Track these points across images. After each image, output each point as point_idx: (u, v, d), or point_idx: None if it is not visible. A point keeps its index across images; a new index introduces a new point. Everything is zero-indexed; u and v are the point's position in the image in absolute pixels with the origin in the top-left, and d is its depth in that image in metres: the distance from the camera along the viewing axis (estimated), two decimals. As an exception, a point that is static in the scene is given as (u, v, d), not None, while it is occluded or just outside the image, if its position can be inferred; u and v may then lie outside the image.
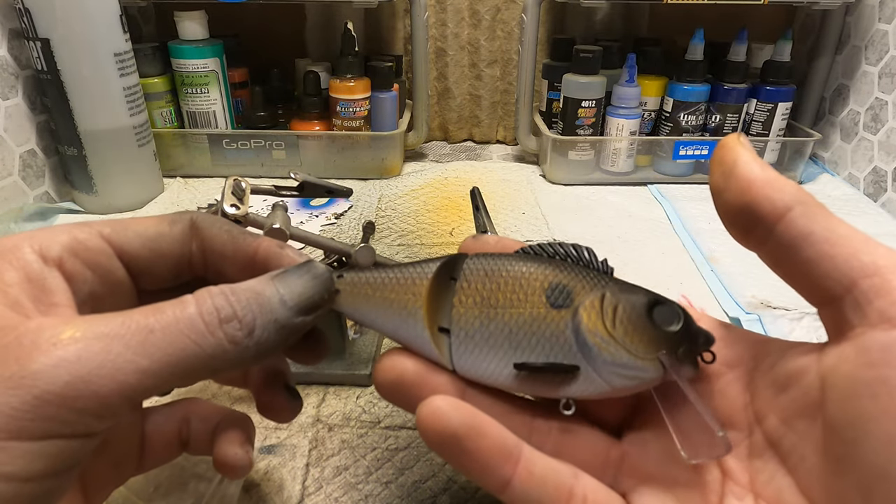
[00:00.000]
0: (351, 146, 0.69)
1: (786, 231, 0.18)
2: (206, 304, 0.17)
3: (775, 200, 0.18)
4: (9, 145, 0.56)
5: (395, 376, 0.21)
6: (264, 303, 0.18)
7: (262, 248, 0.22)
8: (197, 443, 0.25)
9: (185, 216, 0.21)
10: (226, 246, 0.21)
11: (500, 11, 0.77)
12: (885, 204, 0.63)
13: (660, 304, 0.21)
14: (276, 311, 0.18)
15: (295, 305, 0.18)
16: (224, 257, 0.22)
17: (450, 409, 0.19)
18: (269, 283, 0.18)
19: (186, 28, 0.65)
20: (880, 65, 0.65)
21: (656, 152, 0.70)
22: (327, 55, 0.77)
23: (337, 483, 0.30)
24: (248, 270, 0.21)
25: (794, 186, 0.18)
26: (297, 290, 0.18)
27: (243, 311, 0.17)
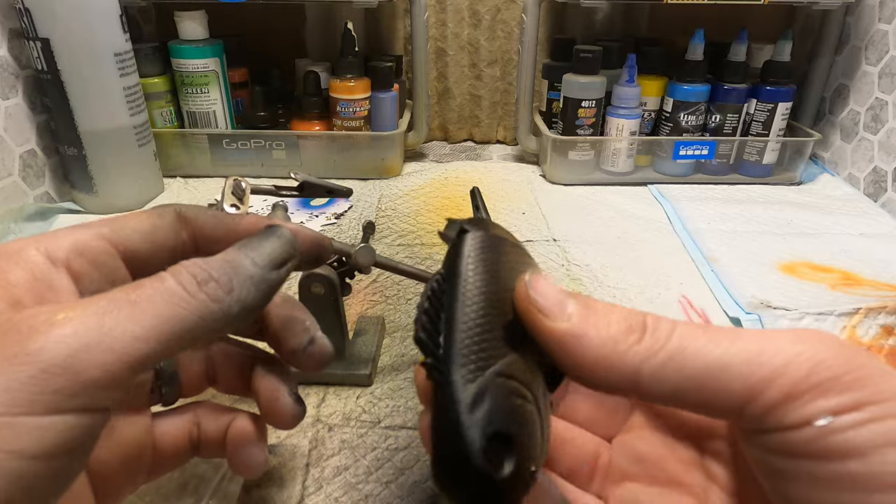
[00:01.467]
0: (351, 146, 0.69)
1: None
2: (181, 274, 0.18)
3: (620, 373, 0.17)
4: (9, 145, 0.56)
5: None
6: (237, 265, 0.19)
7: (246, 222, 0.23)
8: (208, 446, 0.25)
9: (168, 208, 0.22)
10: (215, 229, 0.22)
11: (500, 11, 0.77)
12: (885, 204, 0.63)
13: None
14: (249, 270, 0.19)
15: (265, 264, 0.19)
16: (215, 241, 0.22)
17: None
18: (237, 251, 0.19)
19: (186, 28, 0.65)
20: (880, 65, 0.65)
21: (656, 152, 0.70)
22: (327, 55, 0.77)
23: (337, 483, 0.30)
24: None
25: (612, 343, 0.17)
26: (264, 251, 0.20)
27: (218, 272, 0.18)
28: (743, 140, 0.68)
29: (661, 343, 0.17)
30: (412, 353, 0.40)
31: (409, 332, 0.42)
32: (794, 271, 0.50)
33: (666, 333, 0.17)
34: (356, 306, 0.45)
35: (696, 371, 0.16)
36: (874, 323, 0.41)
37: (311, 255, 0.24)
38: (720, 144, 0.68)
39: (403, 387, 0.37)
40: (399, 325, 0.43)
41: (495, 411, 0.16)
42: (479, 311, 0.18)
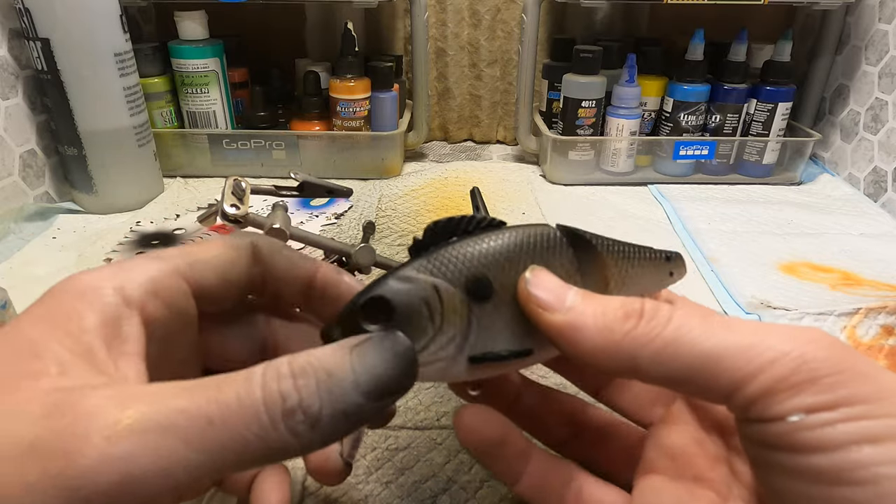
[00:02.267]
0: (351, 146, 0.69)
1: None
2: (271, 389, 0.15)
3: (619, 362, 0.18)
4: (9, 145, 0.56)
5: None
6: (334, 388, 0.15)
7: (321, 274, 0.22)
8: (232, 486, 0.24)
9: (245, 240, 0.21)
10: (287, 271, 0.21)
11: (500, 11, 0.77)
12: (885, 204, 0.63)
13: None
14: (347, 399, 0.15)
15: (370, 391, 0.16)
16: (284, 282, 0.22)
17: (485, 420, 0.23)
18: (344, 357, 0.16)
19: (186, 28, 0.65)
20: (880, 65, 0.65)
21: (656, 152, 0.70)
22: (327, 55, 0.77)
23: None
24: (306, 295, 0.22)
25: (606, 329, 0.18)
26: (375, 371, 0.16)
27: (309, 398, 0.15)
28: (743, 140, 0.68)
29: (658, 330, 0.17)
30: (412, 353, 0.40)
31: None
32: (794, 271, 0.50)
33: (663, 321, 0.18)
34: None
35: (689, 360, 0.17)
36: (874, 323, 0.41)
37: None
38: (720, 144, 0.68)
39: (403, 387, 0.37)
40: (399, 325, 0.43)
41: (393, 292, 0.19)
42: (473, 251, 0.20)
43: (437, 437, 0.33)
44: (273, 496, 0.23)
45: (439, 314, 0.19)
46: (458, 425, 0.23)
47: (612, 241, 0.23)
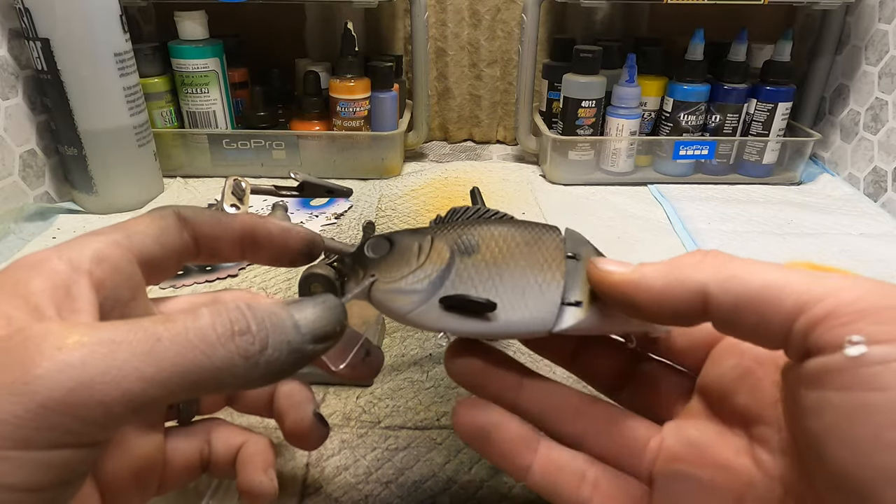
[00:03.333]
0: (351, 146, 0.69)
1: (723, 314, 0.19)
2: (220, 316, 0.16)
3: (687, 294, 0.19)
4: (9, 145, 0.56)
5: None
6: (279, 323, 0.17)
7: (241, 220, 0.23)
8: (218, 465, 0.25)
9: (167, 209, 0.22)
10: (214, 228, 0.22)
11: (500, 11, 0.78)
12: (885, 204, 0.63)
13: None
14: (290, 334, 0.17)
15: (308, 332, 0.18)
16: (215, 239, 0.22)
17: (479, 409, 0.23)
18: (284, 307, 0.18)
19: (186, 28, 0.65)
20: (880, 65, 0.65)
21: (656, 152, 0.70)
22: (327, 55, 0.77)
23: (337, 483, 0.30)
24: (241, 246, 0.23)
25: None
26: (310, 317, 0.18)
27: (258, 326, 0.17)
28: (743, 140, 0.68)
29: (726, 263, 0.18)
30: (412, 353, 0.40)
31: (409, 333, 0.42)
32: (794, 271, 0.50)
33: (727, 258, 0.19)
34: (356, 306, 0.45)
35: (757, 286, 0.17)
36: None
37: (303, 253, 0.24)
38: (720, 144, 0.68)
39: (403, 387, 0.37)
40: (399, 325, 0.43)
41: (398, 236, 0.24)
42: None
43: (437, 437, 0.33)
44: (258, 459, 0.24)
45: (426, 254, 0.23)
46: (455, 419, 0.24)
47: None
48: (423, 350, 0.40)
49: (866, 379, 0.15)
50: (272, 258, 0.24)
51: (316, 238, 0.24)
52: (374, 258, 0.23)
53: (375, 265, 0.23)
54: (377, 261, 0.23)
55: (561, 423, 0.25)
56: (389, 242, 0.23)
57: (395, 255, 0.23)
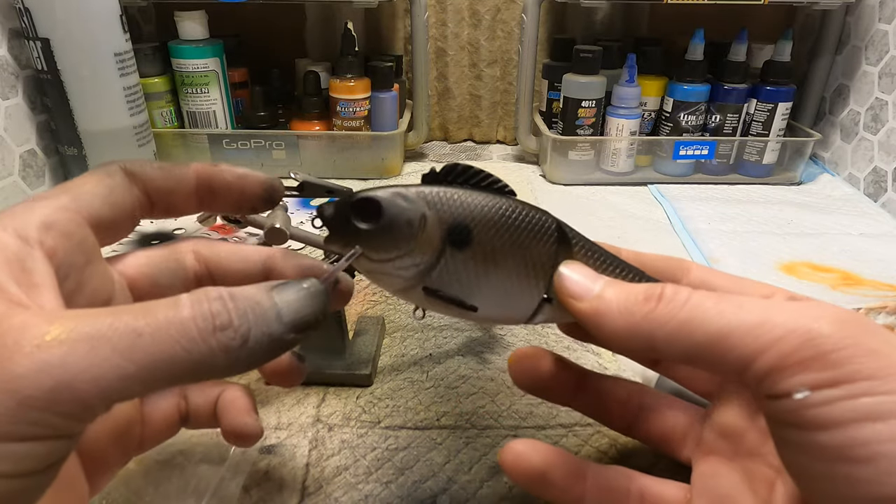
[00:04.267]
0: (351, 146, 0.69)
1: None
2: (201, 308, 0.16)
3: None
4: (9, 145, 0.56)
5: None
6: (261, 314, 0.17)
7: (195, 170, 0.22)
8: (197, 417, 0.25)
9: (113, 165, 0.21)
10: (165, 180, 0.21)
11: (500, 11, 0.77)
12: (885, 204, 0.63)
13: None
14: (271, 325, 0.17)
15: (290, 322, 0.17)
16: (168, 192, 0.22)
17: (531, 452, 0.24)
18: (267, 293, 0.17)
19: (186, 28, 0.65)
20: (880, 65, 0.65)
21: (656, 152, 0.70)
22: (327, 55, 0.77)
23: (337, 483, 0.30)
24: (198, 197, 0.22)
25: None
26: (294, 305, 0.17)
27: (240, 319, 0.16)
28: (743, 140, 0.68)
29: (674, 312, 0.19)
30: (412, 353, 0.40)
31: (409, 332, 0.42)
32: (794, 271, 0.50)
33: (680, 303, 0.19)
34: (356, 306, 0.45)
35: (701, 338, 0.18)
36: (874, 323, 0.41)
37: (263, 198, 0.23)
38: (720, 144, 0.68)
39: (403, 387, 0.37)
40: (399, 325, 0.43)
41: (388, 201, 0.21)
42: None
43: (437, 437, 0.33)
44: (239, 403, 0.24)
45: (415, 239, 0.21)
46: (502, 461, 0.24)
47: (596, 248, 0.23)
48: (423, 350, 0.40)
49: (814, 419, 0.16)
50: (231, 206, 0.23)
51: (275, 182, 0.23)
52: (361, 229, 0.21)
53: (362, 237, 0.21)
54: (364, 233, 0.21)
55: (612, 416, 0.27)
56: (378, 210, 0.21)
57: (384, 229, 0.21)
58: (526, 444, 0.24)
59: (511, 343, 0.41)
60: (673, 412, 0.27)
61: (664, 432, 0.27)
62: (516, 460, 0.24)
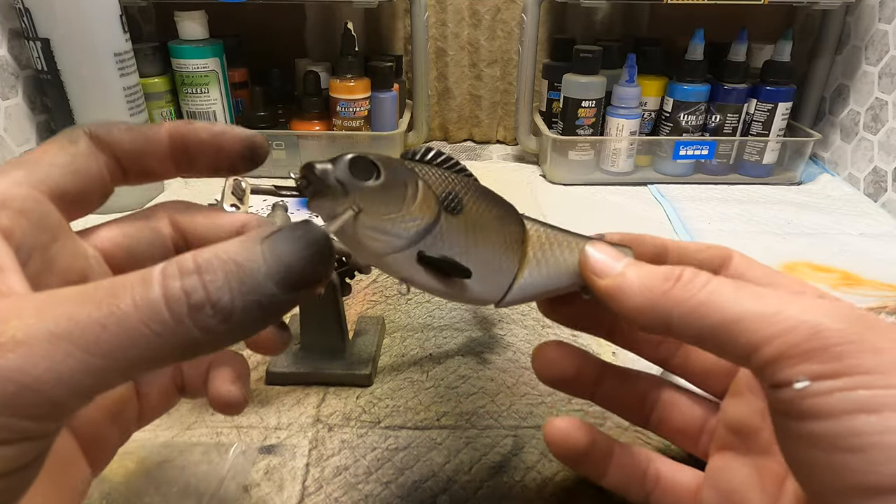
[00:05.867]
0: (351, 146, 0.69)
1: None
2: (172, 287, 0.14)
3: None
4: (9, 145, 0.56)
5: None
6: (246, 278, 0.14)
7: (167, 129, 0.20)
8: (192, 388, 0.24)
9: (76, 131, 0.19)
10: (135, 144, 0.20)
11: (500, 11, 0.77)
12: (885, 204, 0.63)
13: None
14: (261, 288, 0.14)
15: (283, 279, 0.15)
16: (140, 155, 0.20)
17: (577, 431, 0.26)
18: (254, 246, 0.15)
19: (186, 28, 0.65)
20: (880, 65, 0.65)
21: (656, 152, 0.70)
22: (327, 55, 0.77)
23: (337, 483, 0.30)
24: (174, 159, 0.20)
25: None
26: (287, 258, 0.15)
27: (218, 292, 0.14)
28: (743, 140, 0.68)
29: (692, 293, 0.19)
30: (412, 353, 0.40)
31: (409, 332, 0.42)
32: (794, 271, 0.50)
33: (699, 285, 0.19)
34: (356, 306, 0.45)
35: (715, 321, 0.19)
36: (874, 323, 0.41)
37: (244, 156, 0.21)
38: (720, 144, 0.68)
39: (403, 387, 0.37)
40: (399, 325, 0.43)
41: (384, 161, 0.21)
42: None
43: (437, 437, 0.33)
44: (226, 371, 0.23)
45: (413, 199, 0.21)
46: (549, 438, 0.26)
47: (548, 227, 0.25)
48: (423, 350, 0.40)
49: (811, 409, 0.16)
50: (209, 167, 0.21)
51: (256, 138, 0.21)
52: (358, 185, 0.20)
53: (360, 194, 0.20)
54: (363, 189, 0.20)
55: (630, 410, 0.28)
56: (376, 169, 0.20)
57: (383, 188, 0.20)
58: (571, 423, 0.26)
59: (511, 343, 0.41)
60: (690, 406, 0.27)
61: (681, 426, 0.27)
62: (565, 440, 0.26)
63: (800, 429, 0.17)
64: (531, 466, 0.31)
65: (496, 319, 0.43)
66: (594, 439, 0.26)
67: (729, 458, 0.25)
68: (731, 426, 0.25)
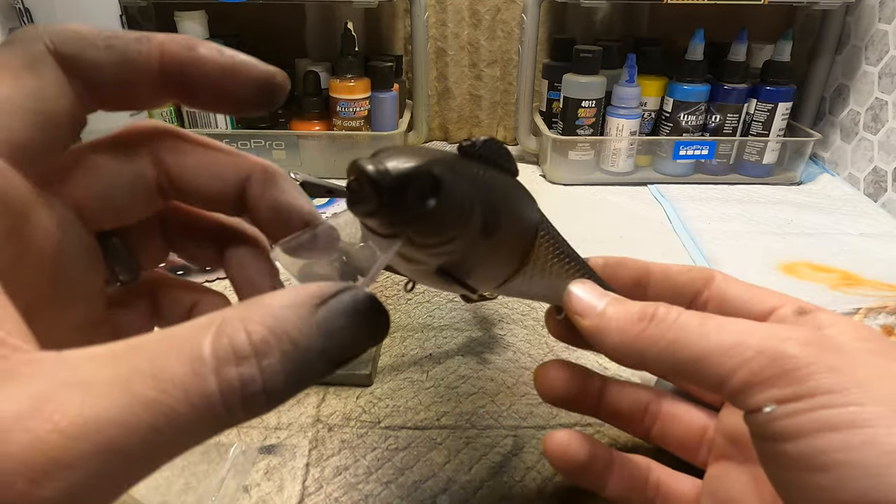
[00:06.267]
0: (351, 146, 0.68)
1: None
2: (229, 376, 0.12)
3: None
4: (9, 145, 0.56)
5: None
6: (300, 361, 0.13)
7: (160, 52, 0.16)
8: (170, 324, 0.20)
9: (34, 47, 0.14)
10: (117, 71, 0.15)
11: (500, 11, 0.77)
12: (885, 204, 0.63)
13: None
14: (313, 368, 0.13)
15: (334, 359, 0.13)
16: (124, 85, 0.16)
17: (577, 445, 0.26)
18: (309, 317, 0.13)
19: (186, 28, 0.65)
20: (880, 65, 0.65)
21: (656, 152, 0.70)
22: (327, 55, 0.77)
23: (337, 483, 0.30)
24: (162, 92, 0.17)
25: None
26: (341, 338, 0.13)
27: (274, 378, 0.12)
28: (743, 140, 0.68)
29: (663, 332, 0.20)
30: (412, 353, 0.40)
31: (409, 332, 0.42)
32: (794, 271, 0.50)
33: (669, 324, 0.20)
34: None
35: (685, 357, 0.19)
36: (874, 323, 0.41)
37: (256, 101, 0.19)
38: (720, 144, 0.68)
39: (403, 387, 0.37)
40: (399, 325, 0.43)
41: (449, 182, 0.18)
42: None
43: (437, 437, 0.33)
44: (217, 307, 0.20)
45: (466, 225, 0.19)
46: (549, 452, 0.27)
47: (553, 244, 0.25)
48: (423, 350, 0.40)
49: (780, 431, 0.17)
50: (211, 104, 0.18)
51: (277, 79, 0.18)
52: (413, 211, 0.17)
53: (413, 216, 0.17)
54: (421, 212, 0.17)
55: (632, 423, 0.29)
56: (435, 186, 0.17)
57: (439, 211, 0.17)
58: (571, 436, 0.26)
59: (511, 343, 0.41)
60: (689, 417, 0.28)
61: (682, 437, 0.28)
62: (564, 453, 0.26)
63: (775, 450, 0.18)
64: (531, 466, 0.31)
65: (496, 319, 0.43)
66: (594, 452, 0.26)
67: (727, 468, 0.25)
68: (728, 436, 0.25)
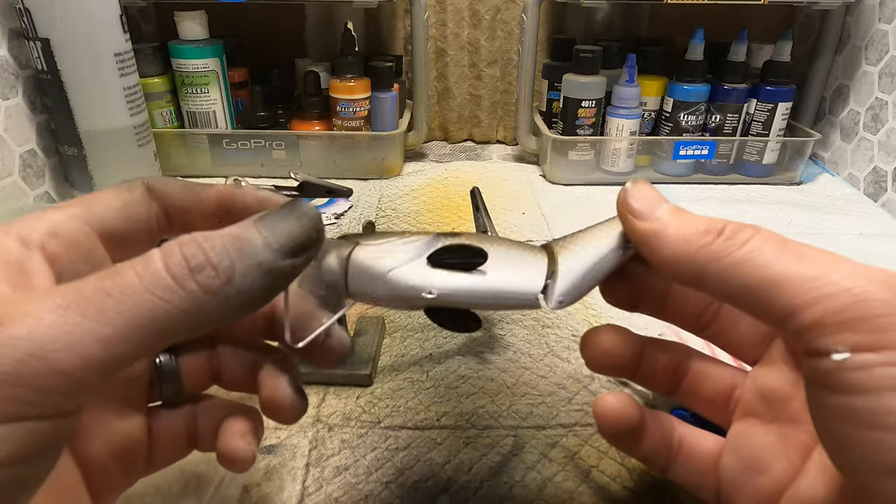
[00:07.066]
0: (351, 146, 0.69)
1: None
2: (173, 256, 0.15)
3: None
4: (9, 145, 0.56)
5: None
6: (244, 246, 0.16)
7: (217, 190, 0.22)
8: (205, 439, 0.24)
9: (137, 181, 0.21)
10: (184, 199, 0.21)
11: (500, 11, 0.77)
12: (885, 204, 0.63)
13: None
14: (259, 254, 0.16)
15: (281, 247, 0.17)
16: (187, 210, 0.22)
17: (629, 409, 0.25)
18: (250, 226, 0.17)
19: (186, 28, 0.65)
20: (880, 65, 0.65)
21: (656, 152, 0.70)
22: (327, 55, 0.77)
23: (337, 483, 0.30)
24: (214, 218, 0.22)
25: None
26: (281, 231, 0.17)
27: (218, 256, 0.16)
28: (743, 140, 0.68)
29: (731, 249, 0.18)
30: (412, 353, 0.40)
31: (409, 333, 0.42)
32: (794, 271, 0.50)
33: (740, 241, 0.18)
34: (356, 306, 0.45)
35: (753, 280, 0.18)
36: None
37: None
38: (720, 144, 0.68)
39: (403, 387, 0.37)
40: (399, 325, 0.43)
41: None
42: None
43: (437, 437, 0.33)
44: (238, 426, 0.23)
45: (409, 234, 0.23)
46: (602, 415, 0.25)
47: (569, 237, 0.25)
48: (423, 350, 0.40)
49: (850, 382, 0.16)
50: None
51: (271, 201, 0.23)
52: (355, 234, 0.23)
53: (358, 237, 0.23)
54: (359, 235, 0.23)
55: (659, 380, 0.27)
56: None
57: (378, 233, 0.24)
58: (620, 398, 0.25)
59: (511, 343, 0.41)
60: (719, 375, 0.26)
61: (711, 395, 0.26)
62: (621, 415, 0.25)
63: (836, 402, 0.16)
64: (531, 466, 0.31)
65: (496, 319, 0.43)
66: (641, 413, 0.25)
67: (753, 424, 0.24)
68: (760, 393, 0.24)
